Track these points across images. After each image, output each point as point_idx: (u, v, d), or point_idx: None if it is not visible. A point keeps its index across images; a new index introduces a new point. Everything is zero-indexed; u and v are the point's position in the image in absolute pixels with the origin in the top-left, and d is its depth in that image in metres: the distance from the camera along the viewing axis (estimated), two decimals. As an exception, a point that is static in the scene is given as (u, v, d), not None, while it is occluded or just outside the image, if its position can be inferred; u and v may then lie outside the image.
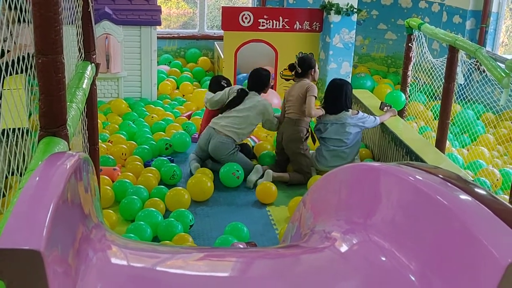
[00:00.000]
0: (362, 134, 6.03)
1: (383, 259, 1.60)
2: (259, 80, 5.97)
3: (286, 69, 6.25)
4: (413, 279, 1.48)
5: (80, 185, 1.63)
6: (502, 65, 4.59)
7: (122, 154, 5.79)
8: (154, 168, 5.50)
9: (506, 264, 1.17)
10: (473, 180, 4.80)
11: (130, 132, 6.44)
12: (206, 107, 6.30)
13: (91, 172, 1.96)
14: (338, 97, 5.79)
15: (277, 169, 5.77)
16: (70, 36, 3.24)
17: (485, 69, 4.84)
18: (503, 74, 4.32)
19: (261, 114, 5.84)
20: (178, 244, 4.16)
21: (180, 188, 5.05)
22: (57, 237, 1.27)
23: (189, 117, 7.22)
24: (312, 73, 5.94)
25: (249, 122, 5.82)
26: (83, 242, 1.50)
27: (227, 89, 6.06)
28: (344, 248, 1.73)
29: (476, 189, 1.54)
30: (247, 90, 5.94)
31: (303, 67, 5.87)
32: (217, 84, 6.37)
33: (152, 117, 6.98)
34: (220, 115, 5.92)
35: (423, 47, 6.58)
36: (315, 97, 5.71)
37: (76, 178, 1.57)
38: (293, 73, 5.95)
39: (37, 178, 1.45)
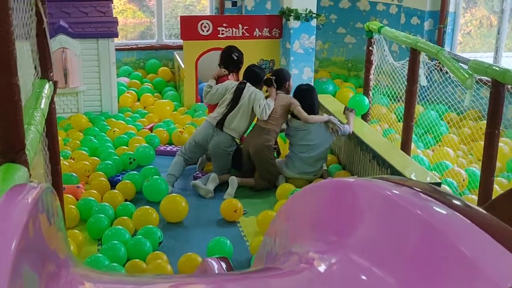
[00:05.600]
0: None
1: (364, 278, 1.55)
2: (253, 76, 5.94)
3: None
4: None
5: (43, 219, 1.53)
6: (463, 65, 4.60)
7: (85, 170, 5.65)
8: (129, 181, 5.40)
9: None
10: (440, 182, 4.80)
11: (92, 147, 6.30)
12: (204, 102, 6.25)
13: (54, 201, 1.86)
14: (306, 102, 5.77)
15: (242, 176, 5.73)
16: (25, 53, 3.13)
17: (448, 71, 4.84)
18: (466, 75, 4.32)
19: (251, 103, 5.77)
20: (151, 263, 4.07)
21: (148, 207, 4.91)
22: (21, 280, 1.18)
23: (151, 129, 7.11)
24: (287, 86, 5.98)
25: (245, 116, 5.79)
26: (50, 281, 1.41)
27: (227, 83, 5.95)
28: (322, 268, 1.67)
29: (459, 202, 1.49)
30: (244, 81, 5.90)
31: (278, 81, 5.91)
32: (228, 56, 6.30)
33: (114, 131, 6.85)
34: (218, 110, 5.85)
35: (384, 50, 6.59)
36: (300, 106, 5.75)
37: (38, 213, 1.48)
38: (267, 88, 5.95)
39: (-4, 216, 1.36)
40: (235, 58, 6.30)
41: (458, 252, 1.28)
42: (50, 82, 3.44)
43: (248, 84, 5.85)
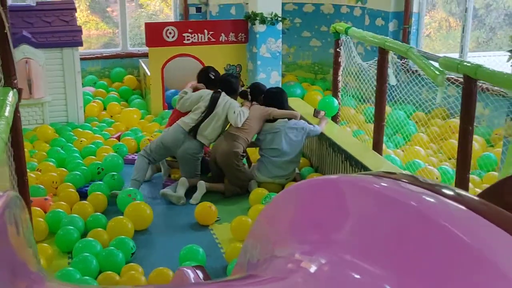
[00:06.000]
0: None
1: (357, 276, 1.48)
2: (228, 86, 5.92)
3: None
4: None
5: (11, 229, 1.43)
6: (433, 63, 4.58)
7: (53, 182, 5.52)
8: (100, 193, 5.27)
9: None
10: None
11: (59, 158, 6.16)
12: (176, 107, 6.15)
13: (22, 211, 1.76)
14: (277, 104, 5.76)
15: (211, 181, 5.66)
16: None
17: (418, 69, 4.82)
18: (437, 72, 4.30)
19: (225, 112, 5.74)
20: (127, 274, 3.97)
21: (122, 217, 4.80)
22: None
23: (118, 138, 6.99)
24: (262, 98, 5.96)
25: (218, 125, 5.75)
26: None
27: (202, 92, 5.92)
28: (311, 270, 1.60)
29: (449, 190, 1.43)
30: (220, 90, 5.86)
31: (254, 94, 5.95)
32: (206, 76, 6.23)
33: (81, 141, 6.72)
34: (191, 116, 5.76)
35: (352, 51, 6.56)
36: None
37: (6, 224, 1.38)
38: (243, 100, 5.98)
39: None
40: (213, 77, 6.23)
41: (458, 240, 1.21)
42: (14, 89, 3.32)
43: (223, 94, 5.82)
